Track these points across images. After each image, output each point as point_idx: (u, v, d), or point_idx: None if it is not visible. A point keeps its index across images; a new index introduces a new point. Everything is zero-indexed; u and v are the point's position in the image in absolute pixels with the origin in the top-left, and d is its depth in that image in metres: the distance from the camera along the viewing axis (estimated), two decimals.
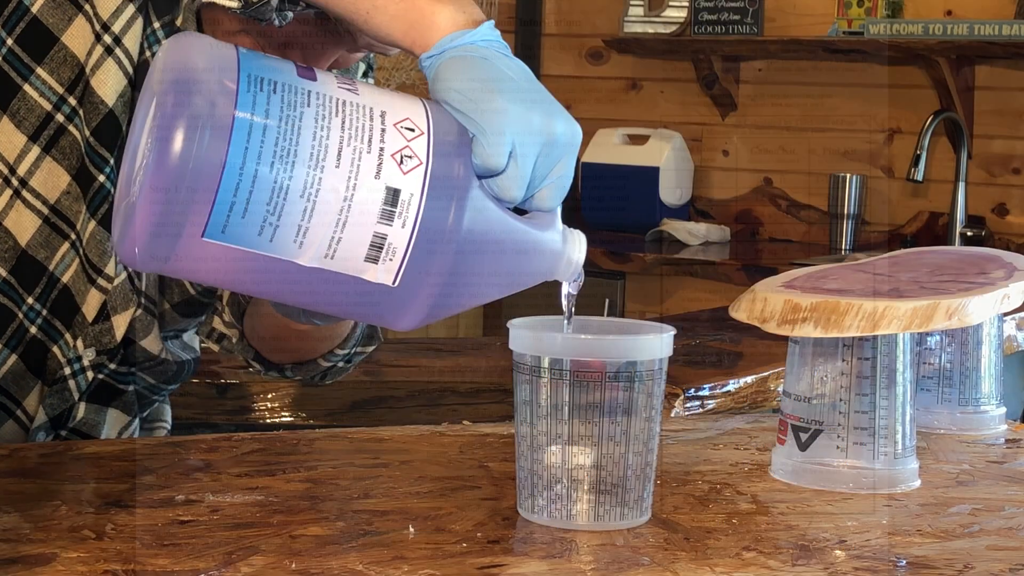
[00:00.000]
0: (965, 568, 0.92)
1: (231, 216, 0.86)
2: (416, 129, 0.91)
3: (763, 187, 4.23)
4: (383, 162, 0.89)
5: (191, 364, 1.39)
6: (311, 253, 0.89)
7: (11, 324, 1.24)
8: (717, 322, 2.36)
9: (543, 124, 0.94)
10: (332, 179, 0.88)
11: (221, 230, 0.87)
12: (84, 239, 1.24)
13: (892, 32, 3.76)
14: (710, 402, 1.83)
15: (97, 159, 1.23)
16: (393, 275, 0.90)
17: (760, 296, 1.13)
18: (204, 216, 0.86)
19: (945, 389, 1.30)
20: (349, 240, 0.89)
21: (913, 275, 1.17)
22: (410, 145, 0.90)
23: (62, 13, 1.22)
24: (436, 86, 0.96)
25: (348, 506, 1.01)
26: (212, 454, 1.15)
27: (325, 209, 0.88)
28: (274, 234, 0.88)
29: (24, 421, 1.27)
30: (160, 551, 0.90)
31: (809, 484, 1.10)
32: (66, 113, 1.23)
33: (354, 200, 0.88)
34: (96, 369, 1.28)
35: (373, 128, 0.90)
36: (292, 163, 0.87)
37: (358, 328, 1.33)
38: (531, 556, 0.92)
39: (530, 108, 0.94)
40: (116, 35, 1.22)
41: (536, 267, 0.97)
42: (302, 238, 0.88)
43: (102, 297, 1.26)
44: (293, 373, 1.37)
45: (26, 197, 1.23)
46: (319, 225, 0.88)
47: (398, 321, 0.95)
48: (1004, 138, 3.86)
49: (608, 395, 0.95)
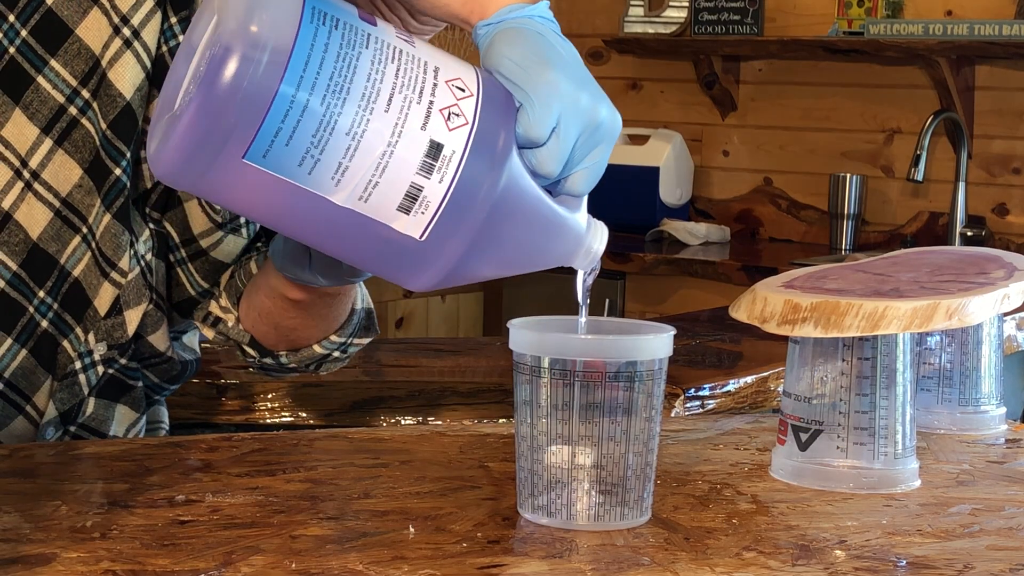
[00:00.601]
0: (965, 568, 0.92)
1: (275, 142, 0.87)
2: (466, 90, 0.92)
3: (763, 187, 4.23)
4: (431, 115, 0.90)
5: (192, 365, 1.39)
6: (346, 193, 0.89)
7: (22, 318, 1.24)
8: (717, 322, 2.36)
9: (589, 106, 0.95)
10: (379, 123, 0.88)
11: (263, 154, 0.87)
12: (98, 232, 1.24)
13: (892, 32, 3.77)
14: (710, 402, 1.83)
15: (114, 152, 1.23)
16: (422, 228, 0.91)
17: (760, 296, 1.13)
18: (249, 138, 0.86)
19: (945, 389, 1.30)
20: (386, 186, 0.89)
21: (913, 275, 1.17)
22: (459, 104, 0.91)
23: (77, 5, 1.22)
24: (490, 53, 0.97)
25: (348, 506, 1.01)
26: (212, 454, 1.15)
27: (368, 151, 0.88)
28: (314, 167, 0.88)
29: (34, 417, 1.27)
30: (160, 551, 0.90)
31: (809, 484, 1.10)
32: (79, 106, 1.22)
33: (397, 147, 0.89)
34: (106, 364, 1.28)
35: (426, 81, 0.91)
36: (343, 100, 0.88)
37: (355, 316, 1.32)
38: (531, 556, 0.92)
39: (579, 88, 0.95)
40: (135, 28, 1.22)
41: (558, 248, 0.97)
42: (340, 176, 0.88)
43: (115, 291, 1.25)
44: (287, 359, 1.34)
45: (37, 190, 1.23)
46: (359, 166, 0.88)
47: (413, 278, 0.95)
48: (1004, 138, 3.86)
49: (608, 395, 0.95)
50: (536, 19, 0.99)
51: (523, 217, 0.94)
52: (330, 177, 0.89)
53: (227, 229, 1.30)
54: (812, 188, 4.12)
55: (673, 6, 4.24)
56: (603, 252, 1.00)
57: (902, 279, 1.15)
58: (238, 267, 1.33)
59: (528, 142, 0.93)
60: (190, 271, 1.31)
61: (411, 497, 1.03)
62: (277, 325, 1.31)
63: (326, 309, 1.29)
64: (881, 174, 4.02)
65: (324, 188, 0.89)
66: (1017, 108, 3.83)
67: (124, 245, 1.24)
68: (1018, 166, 3.85)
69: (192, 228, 1.30)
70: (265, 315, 1.30)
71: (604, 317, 1.05)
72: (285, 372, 1.38)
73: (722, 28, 4.10)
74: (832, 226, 4.00)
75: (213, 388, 1.87)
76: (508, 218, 0.93)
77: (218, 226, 1.30)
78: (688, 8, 4.17)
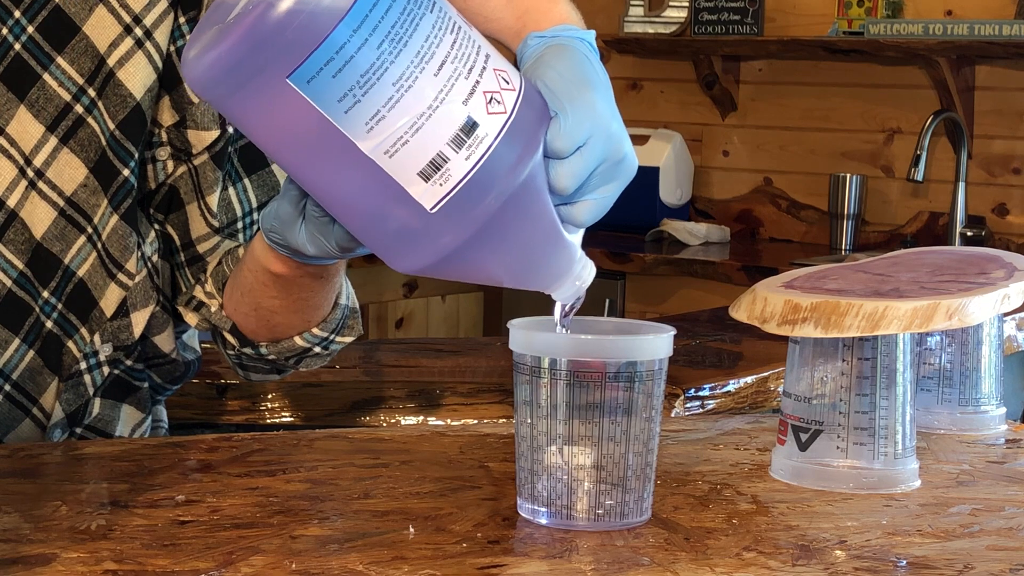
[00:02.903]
0: (965, 568, 0.92)
1: (324, 70, 0.87)
2: (510, 83, 0.93)
3: (763, 187, 4.23)
4: (475, 93, 0.90)
5: (194, 365, 1.38)
6: (375, 142, 0.89)
7: (29, 318, 1.23)
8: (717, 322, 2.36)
9: (618, 136, 0.97)
10: (426, 83, 0.89)
11: (307, 80, 0.87)
12: (104, 233, 1.23)
13: (892, 32, 3.77)
14: (710, 402, 1.83)
15: (123, 153, 1.22)
16: (437, 199, 0.90)
17: (760, 296, 1.13)
18: (300, 59, 0.86)
19: (945, 389, 1.30)
20: (415, 146, 0.89)
21: (913, 275, 1.17)
22: (501, 92, 0.92)
23: (84, 2, 1.21)
24: (537, 63, 0.98)
25: (348, 506, 1.01)
26: (212, 454, 1.15)
27: (408, 107, 0.88)
28: (352, 107, 0.88)
29: (40, 419, 1.26)
30: (160, 551, 0.90)
31: (809, 484, 1.10)
32: (85, 104, 1.21)
33: (437, 112, 0.89)
34: (112, 364, 1.28)
35: (477, 61, 0.91)
36: (399, 51, 0.88)
37: (338, 311, 1.28)
38: (531, 556, 0.92)
39: (612, 118, 0.96)
40: (148, 28, 1.21)
41: (551, 266, 0.97)
42: (374, 123, 0.88)
43: (122, 293, 1.25)
44: (267, 350, 1.30)
45: (41, 188, 1.22)
46: (396, 119, 0.88)
47: (406, 255, 0.94)
48: (1004, 138, 3.86)
49: (608, 395, 0.95)
50: (586, 43, 1.01)
51: (531, 220, 0.94)
52: (364, 122, 0.88)
53: (224, 234, 1.29)
54: (812, 188, 4.13)
55: (673, 6, 4.24)
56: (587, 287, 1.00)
57: (902, 279, 1.15)
58: (227, 254, 1.31)
59: (554, 152, 0.94)
60: (186, 275, 1.31)
61: (411, 497, 1.03)
62: (258, 306, 1.24)
63: (308, 292, 1.22)
64: (881, 174, 4.02)
65: (356, 132, 0.89)
66: (1017, 108, 3.83)
67: (131, 247, 1.24)
68: (1018, 166, 3.85)
69: (191, 232, 1.29)
70: (247, 292, 1.24)
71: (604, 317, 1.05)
72: (265, 367, 1.33)
73: (722, 28, 4.10)
74: (832, 226, 4.00)
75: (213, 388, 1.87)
76: (518, 216, 0.93)
77: (215, 231, 1.29)
78: (688, 8, 4.17)
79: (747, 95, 4.23)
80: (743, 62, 4.22)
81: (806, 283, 1.15)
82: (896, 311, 1.06)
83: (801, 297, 1.09)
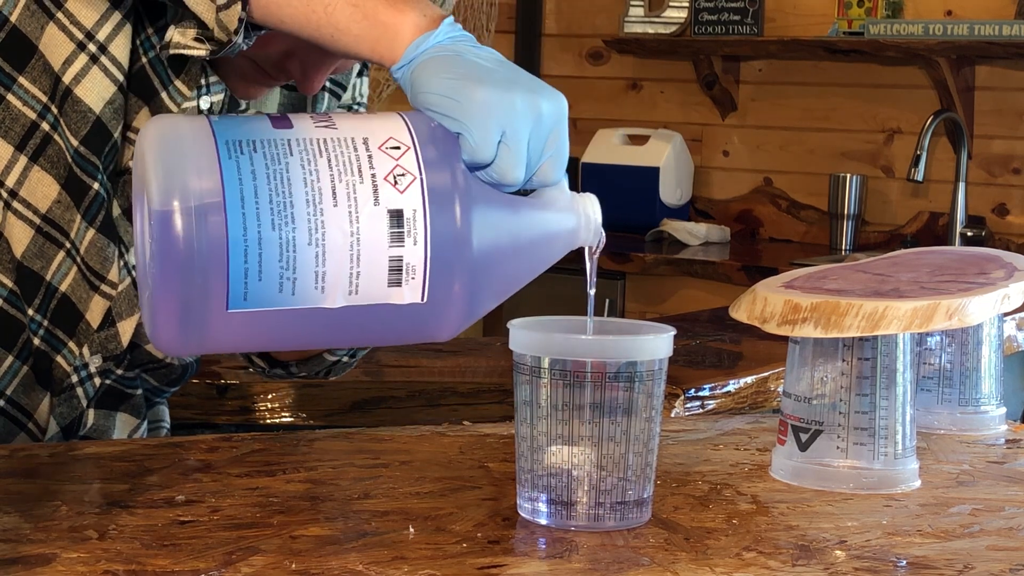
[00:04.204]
0: (965, 568, 0.92)
1: (248, 282, 0.87)
2: (401, 146, 0.92)
3: (763, 187, 4.23)
4: (378, 187, 0.90)
5: (193, 366, 1.39)
6: (335, 295, 0.89)
7: (21, 335, 1.24)
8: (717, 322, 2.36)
9: (527, 104, 0.94)
10: (334, 218, 0.88)
11: (243, 298, 0.88)
12: (82, 247, 1.23)
13: (892, 32, 3.76)
14: (710, 402, 1.83)
15: (89, 167, 1.22)
16: (420, 292, 0.91)
17: (760, 296, 1.13)
18: (223, 290, 0.87)
19: (945, 389, 1.30)
20: (368, 271, 0.89)
21: (913, 275, 1.17)
22: (399, 163, 0.91)
23: (36, 21, 1.20)
24: (414, 94, 0.96)
25: (348, 506, 1.01)
26: (212, 454, 1.15)
27: (335, 249, 0.88)
28: (294, 287, 0.88)
29: (36, 434, 1.27)
30: (160, 551, 0.90)
31: (809, 484, 1.10)
32: (51, 122, 1.21)
33: (361, 232, 0.89)
34: (103, 375, 1.28)
35: (360, 157, 0.90)
36: (291, 215, 0.88)
37: None
38: (531, 556, 0.92)
39: (510, 92, 0.94)
40: (101, 43, 1.20)
41: (557, 241, 0.98)
42: (322, 283, 0.89)
43: (106, 304, 1.25)
44: (298, 370, 1.35)
45: (17, 208, 1.22)
46: (334, 266, 0.89)
47: (440, 332, 0.95)
48: (1004, 138, 3.86)
49: (608, 395, 0.95)
50: (444, 43, 0.97)
51: (510, 235, 0.94)
52: (313, 288, 0.89)
53: None
54: (812, 188, 4.12)
55: (673, 6, 4.23)
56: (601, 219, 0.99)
57: (902, 279, 1.15)
58: None
59: (479, 165, 0.93)
60: None
61: (411, 497, 1.03)
62: None
63: None
64: (881, 174, 4.02)
65: (313, 300, 0.89)
66: (1017, 108, 3.83)
67: (111, 257, 1.24)
68: (1018, 166, 3.85)
69: None
70: None
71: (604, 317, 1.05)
72: (295, 378, 1.38)
73: (722, 28, 4.10)
74: (832, 226, 4.00)
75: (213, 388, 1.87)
76: (496, 241, 0.93)
77: None
78: (688, 8, 4.17)
79: (747, 95, 4.23)
80: (743, 62, 4.22)
81: (806, 283, 1.15)
82: (896, 311, 1.06)
83: (801, 297, 1.09)
